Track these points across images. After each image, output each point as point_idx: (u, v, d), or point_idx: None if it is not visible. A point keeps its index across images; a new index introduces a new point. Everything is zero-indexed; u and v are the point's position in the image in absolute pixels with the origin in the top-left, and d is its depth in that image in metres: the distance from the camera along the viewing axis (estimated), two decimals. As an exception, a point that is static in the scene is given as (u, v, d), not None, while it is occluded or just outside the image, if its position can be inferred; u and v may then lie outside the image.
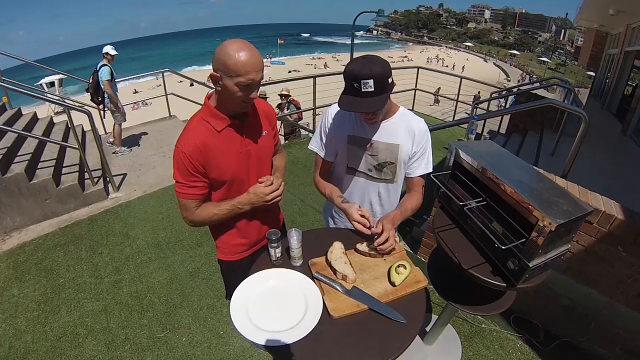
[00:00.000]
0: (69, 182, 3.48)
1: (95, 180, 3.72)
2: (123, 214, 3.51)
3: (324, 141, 1.49)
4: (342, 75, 1.24)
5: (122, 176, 4.18)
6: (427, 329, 2.16)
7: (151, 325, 2.32)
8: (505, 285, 1.18)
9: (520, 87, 8.25)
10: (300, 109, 6.18)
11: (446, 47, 77.15)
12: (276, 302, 1.07)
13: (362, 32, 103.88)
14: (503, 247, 1.05)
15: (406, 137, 1.39)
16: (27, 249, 3.06)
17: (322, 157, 1.51)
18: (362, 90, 1.14)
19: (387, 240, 1.22)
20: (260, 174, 1.31)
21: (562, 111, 4.55)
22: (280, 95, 6.22)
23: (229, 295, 1.56)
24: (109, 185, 3.87)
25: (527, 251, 1.08)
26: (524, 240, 1.07)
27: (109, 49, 4.66)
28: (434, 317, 2.29)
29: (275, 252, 1.20)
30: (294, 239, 1.17)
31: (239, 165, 1.26)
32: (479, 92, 9.00)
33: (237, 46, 1.03)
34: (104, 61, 4.59)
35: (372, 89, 1.14)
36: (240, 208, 1.26)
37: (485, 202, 1.25)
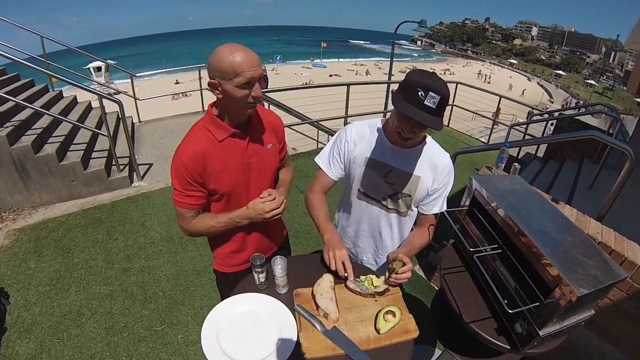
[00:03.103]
0: (96, 167, 3.62)
1: (121, 167, 3.84)
2: (143, 204, 3.59)
3: (334, 158, 1.40)
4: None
5: (147, 166, 4.28)
6: (429, 364, 2.03)
7: (151, 317, 2.34)
8: (509, 347, 1.05)
9: (563, 112, 7.75)
10: (264, 76, 5.34)
11: (490, 62, 74.59)
12: (249, 329, 1.02)
13: (405, 41, 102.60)
14: (510, 312, 0.92)
15: (428, 170, 1.29)
16: (50, 225, 3.20)
17: (327, 174, 1.41)
18: (425, 102, 1.04)
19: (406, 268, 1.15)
20: (262, 189, 1.26)
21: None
22: None
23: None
24: (134, 173, 3.98)
25: (539, 316, 0.95)
26: (537, 304, 0.94)
27: None
28: (438, 352, 2.15)
29: (259, 277, 1.14)
30: (278, 267, 1.10)
31: (239, 178, 1.21)
32: (533, 109, 8.50)
33: (229, 49, 1.02)
34: None
35: (434, 107, 1.05)
36: (237, 222, 1.23)
37: (500, 250, 1.12)
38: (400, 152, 1.27)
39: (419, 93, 1.04)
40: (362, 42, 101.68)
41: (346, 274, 1.17)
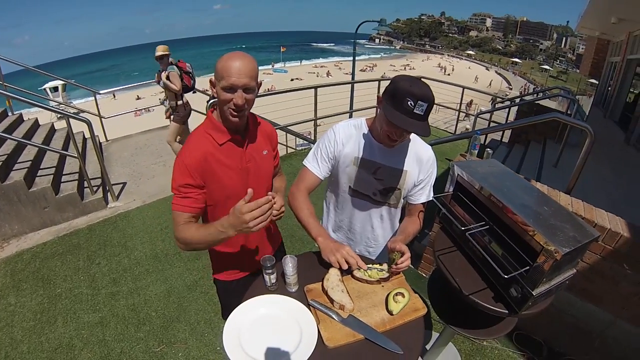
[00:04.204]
0: (68, 191, 3.46)
1: (95, 189, 3.70)
2: (122, 224, 3.48)
3: (323, 158, 1.43)
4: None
5: (121, 185, 4.16)
6: (427, 347, 2.12)
7: (147, 339, 2.28)
8: (507, 312, 1.14)
9: (524, 97, 8.24)
10: (189, 73, 4.34)
11: (448, 55, 77.48)
12: (270, 330, 1.04)
13: (364, 40, 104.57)
14: (506, 277, 1.01)
15: (414, 164, 1.37)
16: (25, 257, 3.03)
17: (315, 173, 1.44)
18: (414, 110, 1.11)
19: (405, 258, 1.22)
20: (259, 193, 1.27)
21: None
22: (157, 58, 4.18)
23: (225, 315, 1.52)
24: (108, 194, 3.85)
25: (530, 279, 1.05)
26: (527, 268, 1.04)
27: None
28: (435, 335, 2.24)
29: (270, 279, 1.17)
30: (289, 266, 1.14)
31: (238, 182, 1.23)
32: (495, 97, 8.97)
33: (230, 54, 1.08)
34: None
35: (422, 113, 1.12)
36: (222, 231, 1.06)
37: (487, 227, 1.22)
38: (387, 149, 1.34)
39: (409, 102, 1.11)
40: (321, 44, 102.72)
41: (359, 267, 1.22)
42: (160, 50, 4.07)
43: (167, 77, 4.07)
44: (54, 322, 2.40)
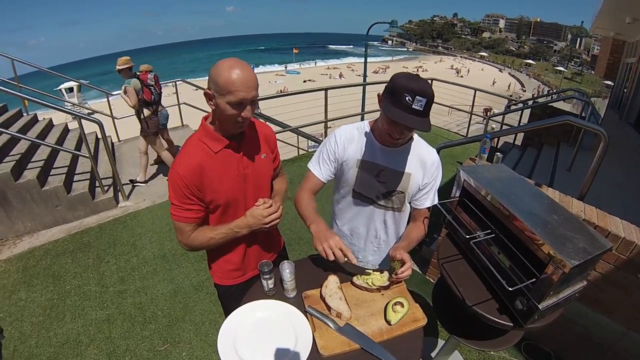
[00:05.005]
0: (79, 190, 3.54)
1: (106, 188, 3.77)
2: (131, 224, 3.53)
3: (324, 160, 1.42)
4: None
5: (132, 185, 4.22)
6: (432, 354, 2.08)
7: (152, 337, 2.31)
8: (512, 325, 1.10)
9: (537, 100, 8.06)
10: (151, 86, 4.01)
11: (461, 57, 76.56)
12: (265, 335, 1.03)
13: (376, 42, 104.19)
14: (510, 289, 0.98)
15: (417, 167, 1.34)
16: (37, 253, 3.10)
17: (316, 175, 1.43)
18: (412, 106, 1.09)
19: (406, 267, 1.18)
20: (258, 198, 1.27)
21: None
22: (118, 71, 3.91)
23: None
24: (119, 194, 3.91)
25: (537, 291, 1.01)
26: (534, 280, 1.00)
27: None
28: (440, 342, 2.20)
29: (268, 284, 1.16)
30: (287, 272, 1.12)
31: (236, 189, 1.22)
32: (509, 99, 8.74)
33: (229, 64, 1.03)
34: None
35: (422, 109, 1.10)
36: (237, 232, 1.22)
37: (494, 235, 1.18)
38: (390, 151, 1.32)
39: (407, 98, 1.09)
40: (339, 46, 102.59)
41: (347, 259, 1.18)
42: (119, 64, 3.89)
43: (125, 92, 3.85)
44: (62, 317, 2.45)
